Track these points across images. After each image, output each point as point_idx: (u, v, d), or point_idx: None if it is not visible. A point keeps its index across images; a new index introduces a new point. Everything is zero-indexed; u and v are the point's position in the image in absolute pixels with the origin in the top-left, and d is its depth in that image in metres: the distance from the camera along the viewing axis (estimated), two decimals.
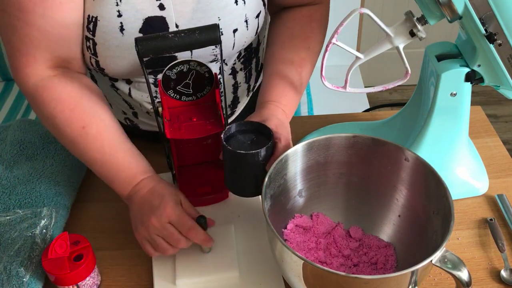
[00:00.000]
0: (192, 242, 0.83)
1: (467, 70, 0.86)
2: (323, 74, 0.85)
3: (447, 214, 0.73)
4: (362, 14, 0.79)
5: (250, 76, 1.10)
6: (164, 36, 0.76)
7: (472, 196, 0.98)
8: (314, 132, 1.11)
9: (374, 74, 2.39)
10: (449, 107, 0.89)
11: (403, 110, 1.03)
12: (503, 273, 0.85)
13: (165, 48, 0.77)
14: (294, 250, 0.69)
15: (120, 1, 0.84)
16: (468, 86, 0.88)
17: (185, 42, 0.77)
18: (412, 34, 0.80)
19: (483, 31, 0.79)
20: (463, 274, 0.69)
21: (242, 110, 1.16)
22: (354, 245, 0.86)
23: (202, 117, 0.88)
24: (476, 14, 0.78)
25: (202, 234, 0.83)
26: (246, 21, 0.93)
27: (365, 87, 1.08)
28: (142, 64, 0.78)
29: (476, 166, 1.00)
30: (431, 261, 0.69)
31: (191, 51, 0.92)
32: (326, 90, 0.88)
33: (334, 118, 1.15)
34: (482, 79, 0.87)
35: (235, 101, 1.11)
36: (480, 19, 0.78)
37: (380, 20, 0.79)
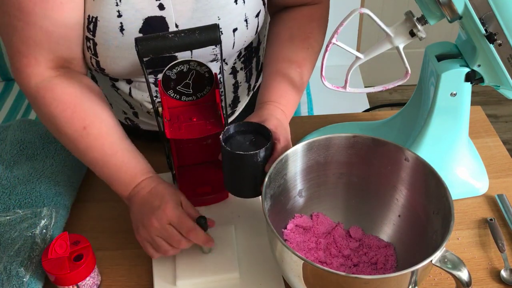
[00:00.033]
0: (193, 243, 0.83)
1: (467, 70, 0.86)
2: (323, 74, 0.85)
3: (447, 214, 0.73)
4: (362, 14, 0.79)
5: (250, 75, 1.10)
6: (164, 36, 0.76)
7: (472, 196, 0.98)
8: (314, 132, 1.11)
9: (374, 74, 2.39)
10: (449, 107, 0.89)
11: (403, 110, 1.03)
12: (503, 273, 0.85)
13: (165, 48, 0.77)
14: (294, 250, 0.69)
15: (120, 1, 0.84)
16: (468, 86, 0.88)
17: (185, 42, 0.77)
18: (412, 34, 0.80)
19: (483, 31, 0.79)
20: (463, 274, 0.69)
21: (243, 109, 1.16)
22: (354, 245, 0.86)
23: (202, 117, 0.88)
24: (476, 14, 0.78)
25: (202, 235, 0.82)
26: (246, 20, 0.93)
27: (365, 87, 1.08)
28: (142, 64, 0.78)
29: (476, 166, 1.00)
30: (431, 261, 0.69)
31: (191, 51, 0.92)
32: (326, 90, 0.88)
33: (334, 118, 1.15)
34: (482, 79, 0.87)
35: (236, 100, 1.11)
36: (480, 19, 0.78)
37: (380, 20, 0.79)
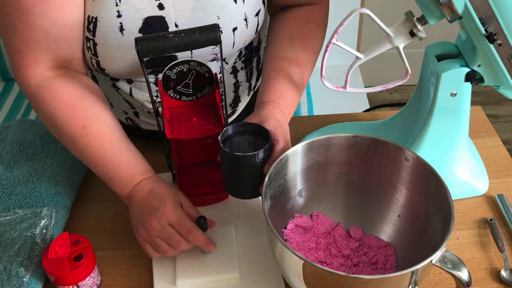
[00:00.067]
0: (193, 244, 0.83)
1: (467, 70, 0.86)
2: (323, 74, 0.85)
3: (447, 214, 0.73)
4: (362, 14, 0.79)
5: (251, 75, 1.10)
6: (164, 36, 0.76)
7: (472, 196, 0.98)
8: (314, 132, 1.11)
9: (374, 74, 2.39)
10: (449, 107, 0.89)
11: (403, 110, 1.03)
12: (503, 273, 0.85)
13: (165, 48, 0.77)
14: (294, 250, 0.69)
15: (119, 1, 0.84)
16: (468, 86, 0.88)
17: (185, 42, 0.77)
18: (412, 34, 0.80)
19: (483, 31, 0.79)
20: (463, 274, 0.69)
21: (243, 109, 1.16)
22: (354, 245, 0.86)
23: (202, 117, 0.88)
24: (476, 14, 0.78)
25: (201, 237, 0.82)
26: (246, 19, 0.93)
27: (365, 87, 1.08)
28: (142, 64, 0.78)
29: (476, 166, 1.00)
30: (431, 261, 0.69)
31: (191, 51, 0.92)
32: (326, 90, 0.88)
33: (334, 118, 1.15)
34: (482, 79, 0.87)
35: (236, 100, 1.11)
36: (480, 19, 0.78)
37: (380, 20, 0.79)
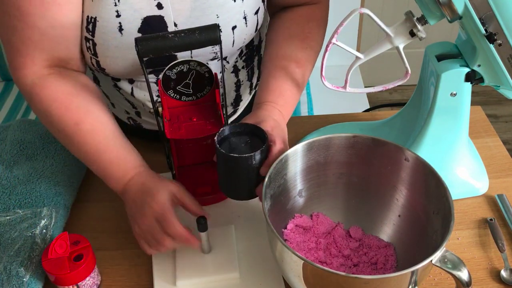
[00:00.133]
0: (183, 244, 0.81)
1: (467, 70, 0.86)
2: (323, 74, 0.85)
3: (447, 214, 0.73)
4: (362, 14, 0.79)
5: (252, 74, 1.10)
6: (164, 36, 0.76)
7: (472, 196, 0.98)
8: (314, 132, 1.11)
9: (374, 74, 2.39)
10: (449, 107, 0.89)
11: (403, 110, 1.03)
12: (503, 273, 0.85)
13: (165, 48, 0.77)
14: (294, 250, 0.69)
15: (118, 1, 0.84)
16: (468, 86, 0.88)
17: (185, 42, 0.77)
18: (412, 34, 0.80)
19: (483, 31, 0.79)
20: (463, 274, 0.69)
21: (245, 108, 1.15)
22: (354, 245, 0.86)
23: (202, 117, 0.88)
24: (476, 14, 0.78)
25: (182, 232, 0.79)
26: (245, 17, 0.92)
27: (365, 87, 1.08)
28: (142, 64, 0.78)
29: (476, 166, 1.00)
30: (431, 261, 0.69)
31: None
32: (326, 90, 0.88)
33: (334, 118, 1.15)
34: (482, 79, 0.87)
35: (238, 99, 1.11)
36: (480, 19, 0.78)
37: (380, 20, 0.79)
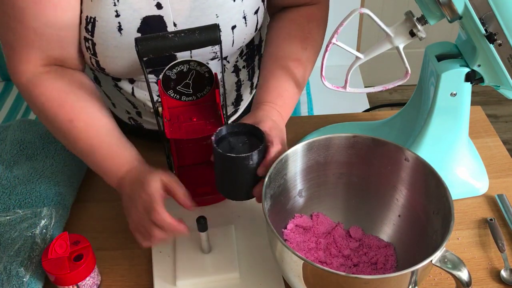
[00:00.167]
0: (173, 234, 0.80)
1: (467, 70, 0.86)
2: (323, 74, 0.85)
3: (447, 214, 0.73)
4: (362, 14, 0.79)
5: (253, 73, 1.10)
6: (164, 36, 0.76)
7: (472, 196, 0.98)
8: (314, 132, 1.11)
9: (374, 74, 2.39)
10: (449, 107, 0.89)
11: (403, 110, 1.03)
12: (503, 273, 0.85)
13: (165, 48, 0.77)
14: (294, 250, 0.69)
15: (117, 1, 0.84)
16: (468, 86, 0.88)
17: (185, 42, 0.77)
18: (412, 34, 0.80)
19: (483, 31, 0.79)
20: (463, 274, 0.69)
21: (246, 108, 1.15)
22: (354, 245, 0.86)
23: (202, 117, 0.88)
24: (476, 14, 0.78)
25: (169, 221, 0.77)
26: (245, 17, 0.92)
27: (365, 87, 1.08)
28: (142, 64, 0.78)
29: (476, 166, 1.00)
30: (431, 261, 0.69)
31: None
32: (326, 90, 0.88)
33: (334, 118, 1.15)
34: (482, 79, 0.87)
35: (239, 99, 1.11)
36: (480, 19, 0.78)
37: (380, 20, 0.79)
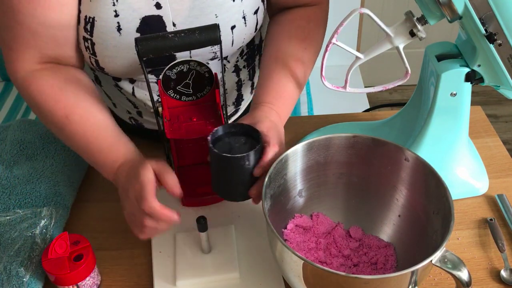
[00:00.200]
0: (165, 224, 0.78)
1: (467, 70, 0.86)
2: (323, 74, 0.85)
3: (447, 214, 0.73)
4: (362, 14, 0.79)
5: (253, 73, 1.10)
6: (164, 36, 0.76)
7: (472, 196, 0.98)
8: (314, 132, 1.11)
9: (374, 74, 2.39)
10: (449, 107, 0.89)
11: (403, 110, 1.03)
12: (503, 273, 0.85)
13: (165, 48, 0.77)
14: (294, 250, 0.69)
15: (116, 1, 0.84)
16: (468, 86, 0.88)
17: (185, 42, 0.77)
18: (412, 34, 0.80)
19: (483, 31, 0.79)
20: (463, 274, 0.69)
21: (246, 108, 1.15)
22: (354, 245, 0.86)
23: (202, 117, 0.88)
24: (476, 14, 0.78)
25: (157, 208, 0.76)
26: (244, 17, 0.92)
27: (365, 87, 1.08)
28: (142, 64, 0.78)
29: (476, 166, 1.00)
30: (431, 261, 0.69)
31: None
32: (326, 90, 0.88)
33: (334, 118, 1.15)
34: (482, 79, 0.87)
35: (239, 98, 1.11)
36: (480, 19, 0.78)
37: (380, 20, 0.79)
